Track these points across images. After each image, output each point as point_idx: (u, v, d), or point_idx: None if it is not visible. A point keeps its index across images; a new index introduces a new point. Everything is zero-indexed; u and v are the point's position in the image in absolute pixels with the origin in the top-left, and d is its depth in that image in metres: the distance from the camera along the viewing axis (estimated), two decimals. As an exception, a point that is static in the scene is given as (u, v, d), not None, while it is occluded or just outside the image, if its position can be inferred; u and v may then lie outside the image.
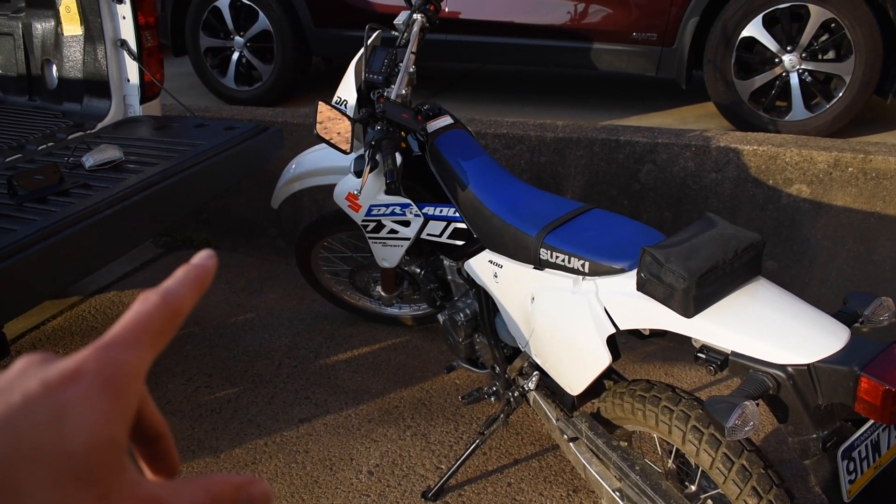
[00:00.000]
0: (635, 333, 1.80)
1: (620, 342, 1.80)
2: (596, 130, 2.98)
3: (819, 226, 2.82)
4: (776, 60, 3.40)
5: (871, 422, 1.41)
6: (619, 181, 2.96)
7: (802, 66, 3.37)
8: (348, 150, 2.08)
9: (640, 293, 1.55)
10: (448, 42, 3.96)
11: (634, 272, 1.57)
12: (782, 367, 1.37)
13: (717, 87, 3.49)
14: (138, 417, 0.37)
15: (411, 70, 2.19)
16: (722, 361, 1.47)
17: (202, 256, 0.39)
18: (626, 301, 1.61)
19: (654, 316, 1.55)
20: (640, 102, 4.10)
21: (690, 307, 1.45)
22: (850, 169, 2.74)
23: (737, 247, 1.48)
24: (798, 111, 3.40)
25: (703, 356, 1.51)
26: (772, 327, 1.41)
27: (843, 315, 1.47)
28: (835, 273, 2.87)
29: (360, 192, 2.07)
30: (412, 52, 2.19)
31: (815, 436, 1.38)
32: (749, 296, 1.49)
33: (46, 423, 0.30)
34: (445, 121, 2.22)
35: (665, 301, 1.49)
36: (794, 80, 3.40)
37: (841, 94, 3.34)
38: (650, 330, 1.71)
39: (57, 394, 0.31)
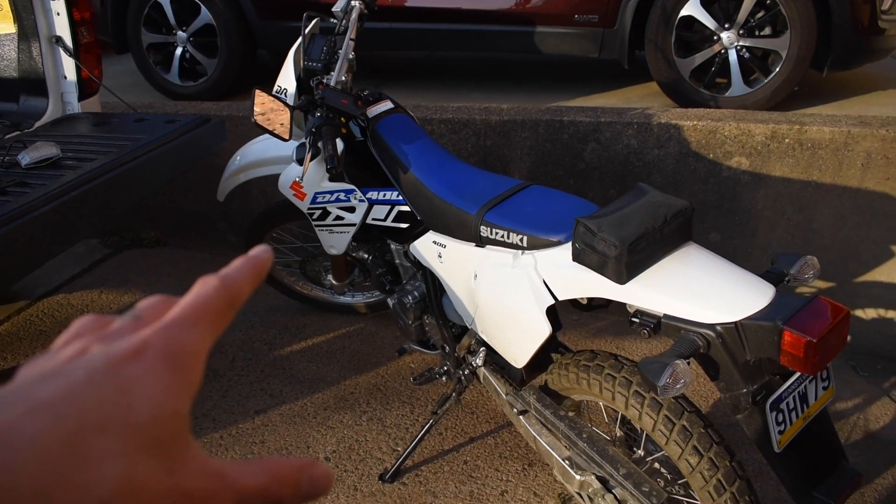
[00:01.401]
0: (579, 305, 1.83)
1: (572, 316, 1.84)
2: (540, 112, 3.01)
3: (759, 196, 2.89)
4: (715, 38, 3.47)
5: (798, 374, 1.46)
6: (564, 161, 2.99)
7: (740, 43, 3.44)
8: (288, 138, 2.08)
9: (575, 263, 1.58)
10: (394, 30, 3.97)
11: (570, 244, 1.60)
12: (711, 327, 1.41)
13: (659, 66, 3.55)
14: None
15: (350, 57, 2.20)
16: (655, 324, 1.51)
17: (259, 250, 0.40)
18: (563, 272, 1.64)
19: (590, 284, 1.58)
20: (587, 85, 4.15)
21: (623, 274, 1.49)
22: (787, 140, 2.81)
23: (666, 213, 1.52)
24: (737, 87, 3.48)
25: (637, 320, 1.55)
26: (701, 289, 1.45)
27: (771, 275, 1.52)
28: (776, 242, 2.95)
29: (301, 180, 2.07)
30: (351, 39, 2.20)
31: (745, 390, 1.42)
32: (679, 260, 1.53)
33: (112, 397, 0.30)
34: (386, 105, 2.23)
35: (599, 269, 1.52)
36: (732, 56, 3.47)
37: (778, 69, 3.42)
38: (588, 299, 1.74)
39: (121, 369, 0.32)
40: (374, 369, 2.80)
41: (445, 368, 2.28)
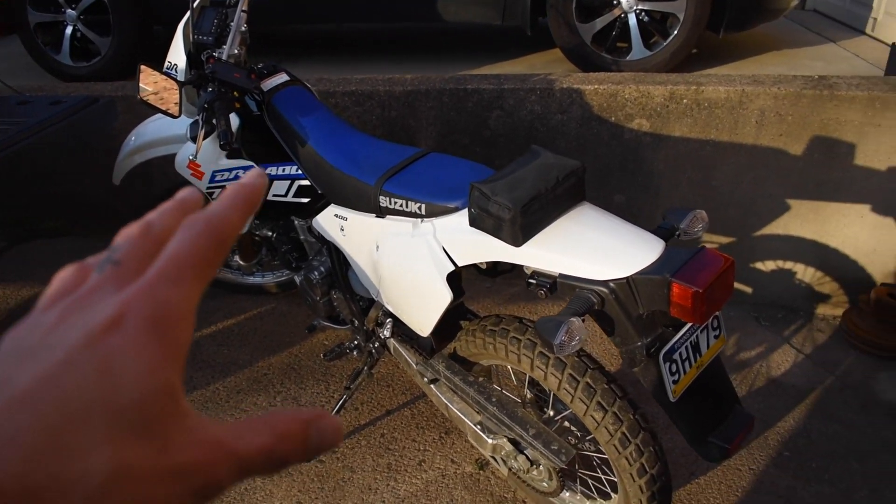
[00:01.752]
0: (485, 271, 1.84)
1: (485, 283, 1.84)
2: (444, 81, 3.00)
3: (660, 157, 2.96)
4: (615, 2, 3.51)
5: (689, 325, 1.50)
6: (469, 129, 2.99)
7: (639, 7, 3.49)
8: (178, 115, 2.01)
9: (472, 228, 1.59)
10: (298, 3, 3.87)
11: (467, 209, 1.60)
12: (605, 283, 1.44)
13: (561, 32, 3.57)
14: None
15: (243, 29, 2.14)
16: (551, 285, 1.53)
17: (252, 175, 0.36)
18: (461, 238, 1.64)
19: (487, 249, 1.59)
20: (492, 54, 4.15)
21: (518, 236, 1.50)
22: (685, 101, 2.87)
23: (558, 175, 1.53)
24: (637, 50, 3.53)
25: (534, 281, 1.57)
26: (594, 247, 1.48)
27: (662, 230, 1.55)
28: (678, 201, 3.02)
29: (195, 157, 2.01)
30: (243, 11, 2.13)
31: (639, 344, 1.45)
32: (573, 220, 1.54)
33: (94, 378, 0.28)
34: (281, 78, 2.18)
35: (495, 233, 1.53)
36: (632, 20, 3.52)
37: (676, 32, 3.49)
38: (492, 265, 1.75)
39: (102, 344, 0.29)
40: (287, 349, 2.76)
41: (356, 343, 2.26)
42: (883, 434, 2.54)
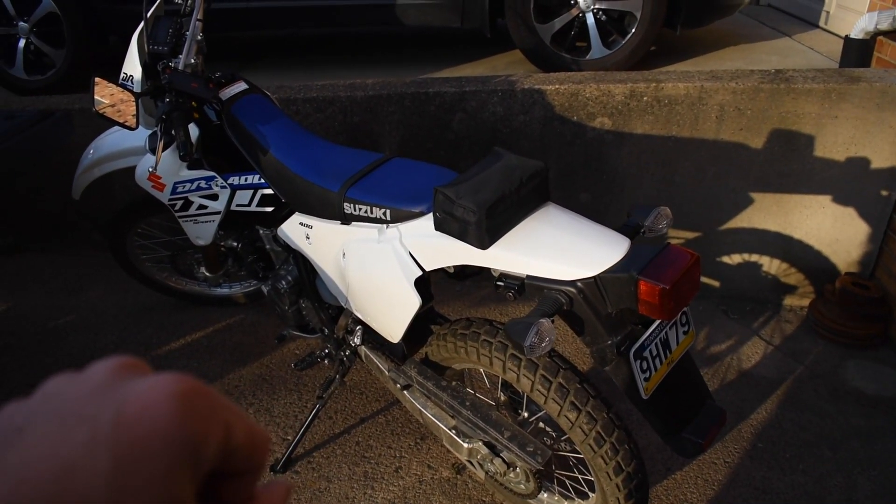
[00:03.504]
0: (452, 275, 1.83)
1: (455, 287, 1.83)
2: (405, 85, 2.99)
3: (623, 154, 2.97)
4: (572, 2, 3.52)
5: (658, 322, 1.50)
6: (433, 133, 2.99)
7: (596, 6, 3.51)
8: (134, 126, 1.98)
9: (438, 233, 1.58)
10: (250, 9, 3.84)
11: (432, 214, 1.59)
12: (572, 283, 1.44)
13: (520, 33, 3.58)
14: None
15: (199, 38, 2.11)
16: (519, 286, 1.52)
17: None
18: (427, 242, 1.63)
19: (454, 252, 1.58)
20: (453, 56, 4.15)
21: (485, 239, 1.49)
22: (645, 98, 2.89)
23: (522, 176, 1.53)
24: (597, 49, 3.55)
25: (501, 284, 1.56)
26: (560, 247, 1.47)
27: (627, 228, 1.56)
28: (643, 197, 3.04)
29: (155, 169, 1.98)
30: (198, 20, 2.10)
31: (609, 342, 1.46)
32: (538, 221, 1.54)
33: (106, 478, 0.26)
34: (240, 87, 2.15)
35: (461, 236, 1.52)
36: (590, 19, 3.53)
37: (634, 30, 3.51)
38: (459, 268, 1.74)
39: (127, 430, 0.27)
40: (257, 360, 2.73)
41: (327, 351, 2.24)
42: (853, 421, 2.57)
